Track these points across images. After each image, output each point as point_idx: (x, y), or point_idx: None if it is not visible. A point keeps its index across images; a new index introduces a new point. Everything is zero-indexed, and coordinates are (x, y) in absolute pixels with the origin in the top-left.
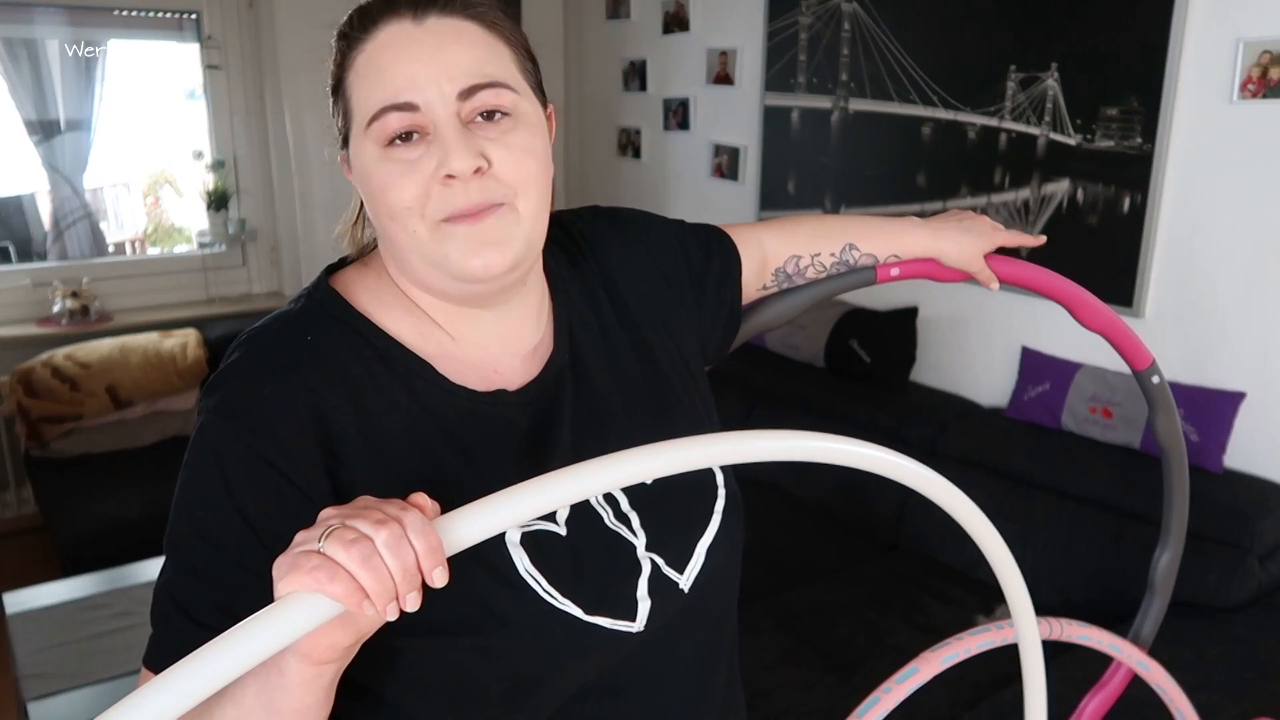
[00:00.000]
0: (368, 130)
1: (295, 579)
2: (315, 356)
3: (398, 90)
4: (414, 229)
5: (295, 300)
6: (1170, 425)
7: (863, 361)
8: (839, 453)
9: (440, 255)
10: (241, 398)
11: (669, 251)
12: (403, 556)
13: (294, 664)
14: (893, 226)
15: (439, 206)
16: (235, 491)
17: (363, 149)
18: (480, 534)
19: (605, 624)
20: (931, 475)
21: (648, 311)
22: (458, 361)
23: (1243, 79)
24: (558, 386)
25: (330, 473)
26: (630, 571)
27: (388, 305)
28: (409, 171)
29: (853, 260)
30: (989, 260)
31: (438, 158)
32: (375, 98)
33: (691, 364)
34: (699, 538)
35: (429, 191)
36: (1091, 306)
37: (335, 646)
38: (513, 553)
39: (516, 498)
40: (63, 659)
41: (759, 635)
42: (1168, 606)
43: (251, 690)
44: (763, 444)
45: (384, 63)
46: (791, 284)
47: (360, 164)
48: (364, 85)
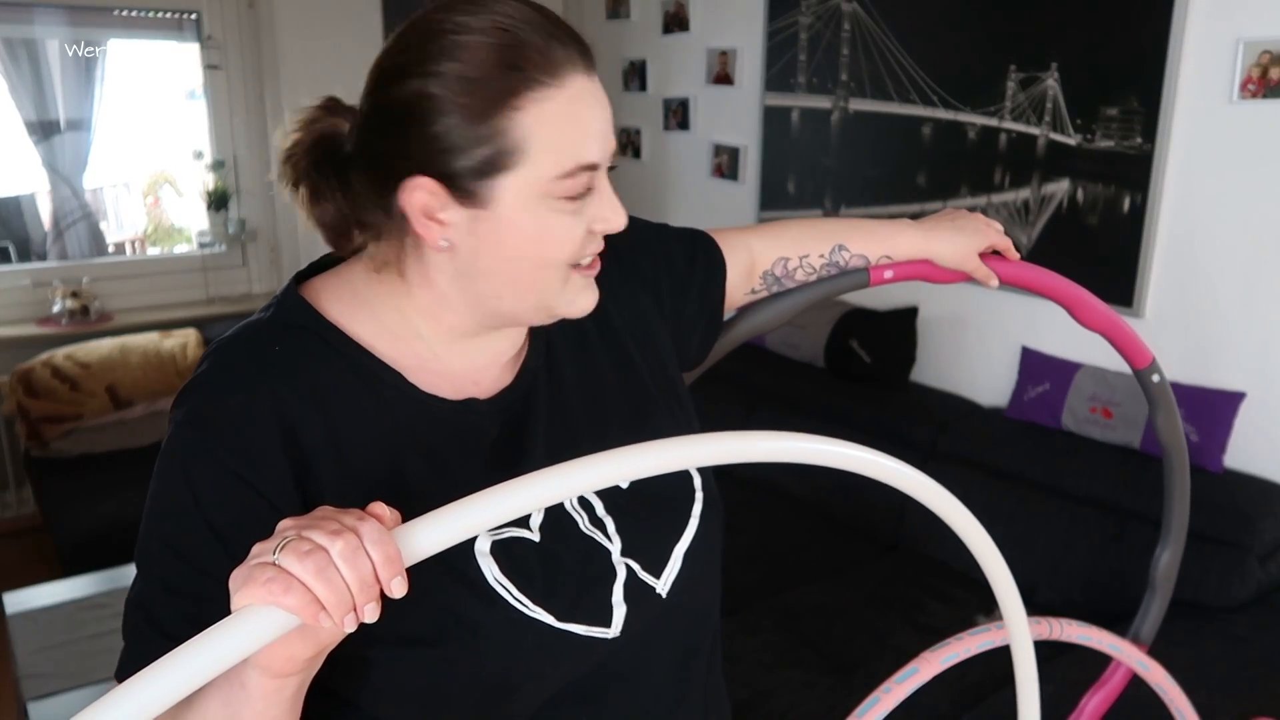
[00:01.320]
0: (555, 182)
1: (250, 591)
2: (283, 366)
3: (591, 150)
4: (551, 277)
5: (264, 309)
6: (1171, 424)
7: (863, 361)
8: (816, 453)
9: (563, 299)
10: (209, 409)
11: (650, 256)
12: (359, 567)
13: (255, 677)
14: (884, 228)
15: (580, 253)
16: (203, 504)
17: (525, 195)
18: (439, 543)
19: (579, 630)
20: (904, 468)
21: (626, 318)
22: (432, 373)
23: (1243, 79)
24: (531, 394)
25: (299, 483)
26: (605, 577)
27: (360, 319)
28: (576, 225)
29: (843, 261)
30: (986, 259)
31: (595, 209)
32: (574, 154)
33: (670, 370)
34: (676, 542)
35: (584, 243)
36: (1091, 306)
37: (295, 659)
38: (481, 562)
39: (475, 506)
40: (63, 659)
41: (759, 635)
42: (1168, 606)
43: (215, 703)
44: (733, 445)
45: (579, 118)
46: (781, 287)
47: (509, 208)
48: (558, 136)
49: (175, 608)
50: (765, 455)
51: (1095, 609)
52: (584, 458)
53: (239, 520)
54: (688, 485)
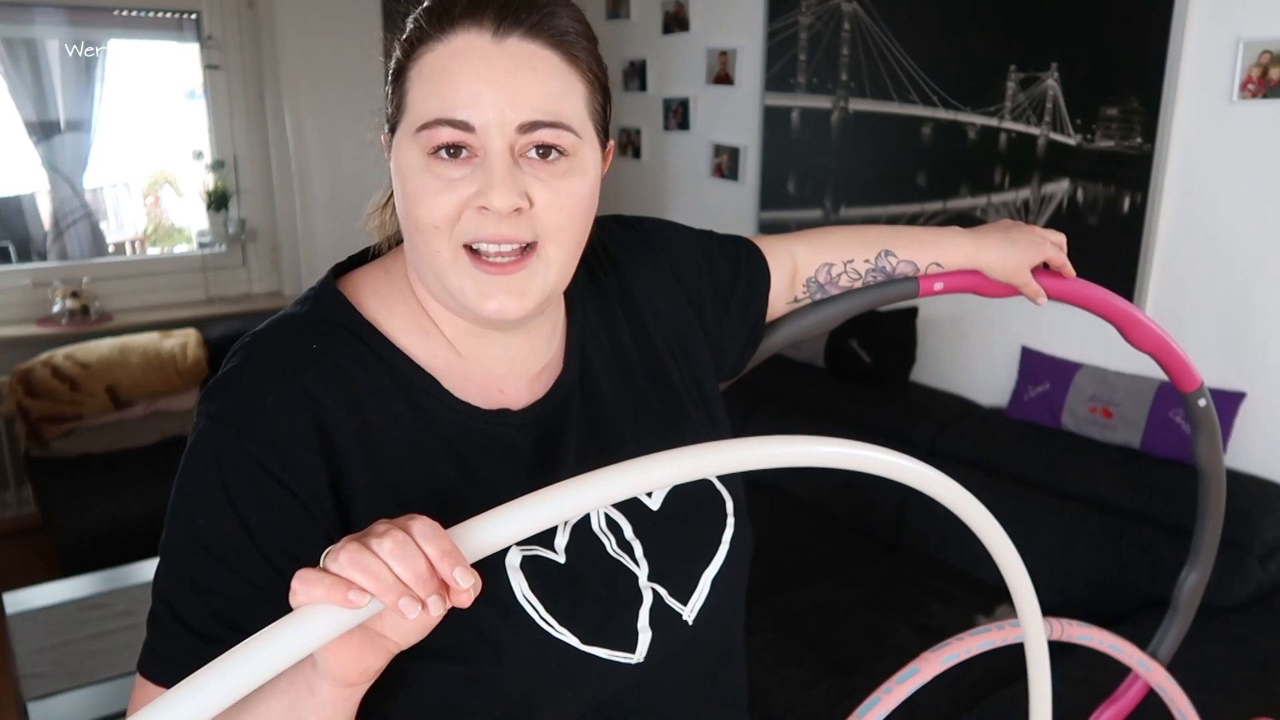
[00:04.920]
0: (416, 135)
1: (307, 591)
2: (320, 365)
3: (458, 105)
4: (438, 247)
5: (300, 303)
6: (1213, 449)
7: (863, 361)
8: (845, 457)
9: (456, 285)
10: (244, 406)
11: (692, 267)
12: (410, 559)
13: (325, 686)
14: (932, 234)
15: (468, 229)
16: (237, 502)
17: (407, 150)
18: (493, 544)
19: (602, 654)
20: (928, 470)
21: (664, 329)
22: (461, 378)
23: (1243, 79)
24: (564, 409)
25: (333, 486)
26: (631, 601)
27: (396, 314)
28: (446, 190)
29: (889, 267)
30: (1036, 274)
31: (479, 185)
32: (433, 106)
33: (706, 383)
34: (704, 568)
35: (461, 214)
36: (1142, 326)
37: (367, 670)
38: (512, 577)
39: (526, 509)
40: (63, 659)
41: (759, 635)
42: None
43: (279, 709)
44: (776, 450)
45: (451, 72)
46: (824, 293)
47: (400, 162)
48: (424, 87)
49: (203, 605)
50: (821, 460)
51: (1095, 609)
52: (638, 459)
53: (273, 520)
54: (719, 509)
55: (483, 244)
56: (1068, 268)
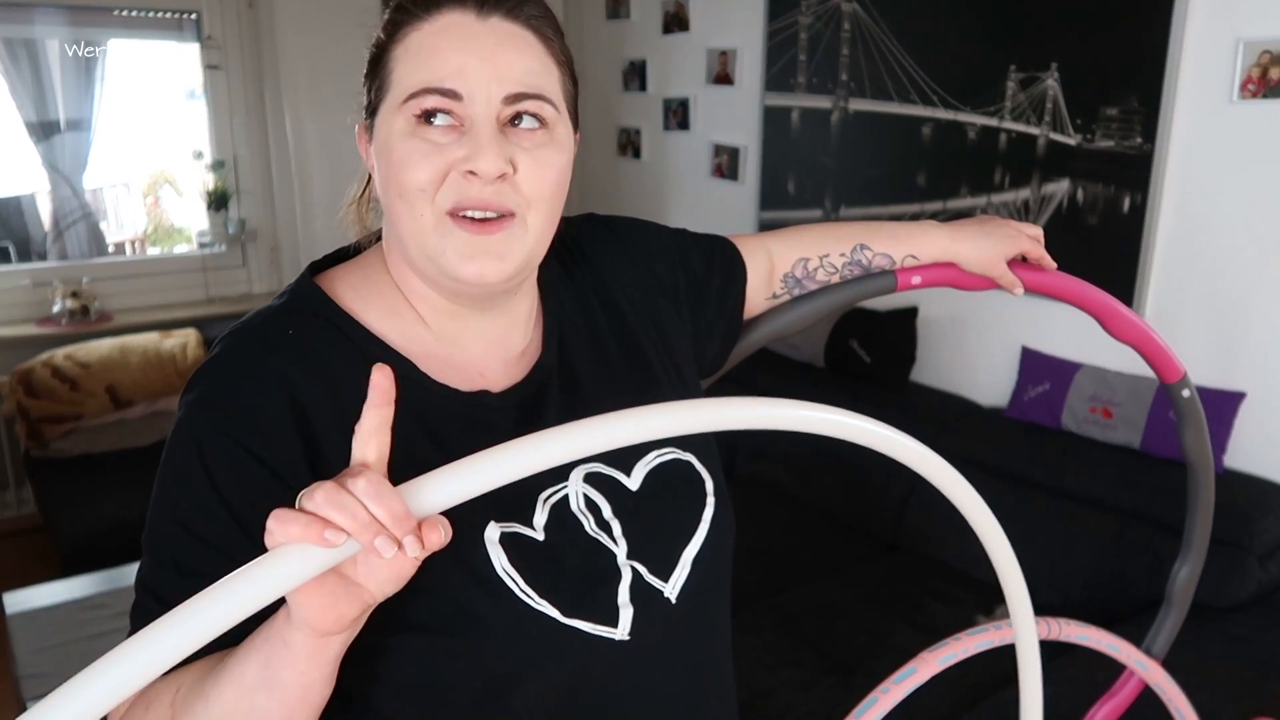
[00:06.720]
0: (403, 105)
1: (284, 531)
2: (296, 350)
3: (445, 75)
4: (420, 212)
5: (279, 297)
6: (1199, 440)
7: (863, 361)
8: (833, 424)
9: (438, 249)
10: (222, 390)
11: (667, 261)
12: (386, 500)
13: (300, 636)
14: (906, 229)
15: (451, 194)
16: (218, 482)
17: (391, 122)
18: (445, 500)
19: (585, 628)
20: (926, 452)
21: (641, 317)
22: (440, 362)
23: (1243, 79)
24: (543, 391)
25: (310, 464)
26: (609, 577)
27: (372, 303)
28: (433, 153)
29: (865, 260)
30: (1014, 266)
31: (466, 150)
32: (420, 77)
33: (685, 372)
34: (684, 547)
35: (446, 178)
36: (1122, 317)
37: (342, 616)
38: (491, 551)
39: (486, 461)
40: (63, 659)
41: (759, 635)
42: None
43: (254, 666)
44: (759, 411)
45: (438, 48)
46: (802, 289)
47: (384, 136)
48: (411, 63)
49: (188, 587)
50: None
51: (1095, 609)
52: (602, 415)
53: (254, 499)
54: (699, 490)
55: (466, 211)
56: (1046, 260)
